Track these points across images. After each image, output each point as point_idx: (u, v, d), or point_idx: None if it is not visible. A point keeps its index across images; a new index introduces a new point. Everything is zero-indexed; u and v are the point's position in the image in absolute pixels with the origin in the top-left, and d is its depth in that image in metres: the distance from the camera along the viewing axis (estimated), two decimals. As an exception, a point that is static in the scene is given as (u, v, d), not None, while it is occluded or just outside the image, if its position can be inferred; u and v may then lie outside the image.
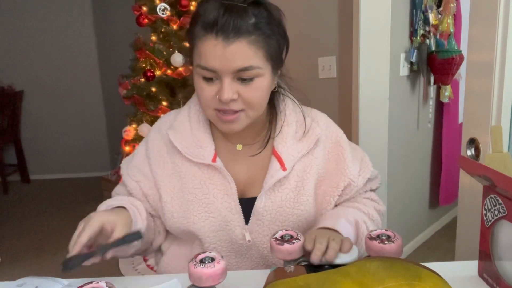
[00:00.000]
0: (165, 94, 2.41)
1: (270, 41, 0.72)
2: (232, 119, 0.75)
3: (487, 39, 1.03)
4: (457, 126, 2.62)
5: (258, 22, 0.70)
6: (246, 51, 0.69)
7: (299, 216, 0.83)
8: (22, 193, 4.01)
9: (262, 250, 0.83)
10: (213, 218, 0.81)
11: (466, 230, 1.18)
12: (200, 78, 0.73)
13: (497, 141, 0.88)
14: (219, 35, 0.68)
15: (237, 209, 0.81)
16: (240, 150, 0.85)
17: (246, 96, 0.73)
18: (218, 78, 0.72)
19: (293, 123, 0.84)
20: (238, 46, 0.68)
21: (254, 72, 0.71)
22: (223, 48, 0.68)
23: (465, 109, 1.13)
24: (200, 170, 0.82)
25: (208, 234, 0.81)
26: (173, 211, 0.83)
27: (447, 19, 2.25)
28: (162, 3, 2.23)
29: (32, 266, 2.53)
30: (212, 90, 0.73)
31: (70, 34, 4.19)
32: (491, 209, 0.64)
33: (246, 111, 0.75)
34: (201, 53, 0.71)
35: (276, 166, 0.81)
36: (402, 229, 2.36)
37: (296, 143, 0.83)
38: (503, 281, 0.63)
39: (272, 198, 0.81)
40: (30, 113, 4.30)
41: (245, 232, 0.81)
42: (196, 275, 0.58)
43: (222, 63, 0.69)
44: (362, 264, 0.57)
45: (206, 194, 0.81)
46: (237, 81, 0.72)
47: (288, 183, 0.82)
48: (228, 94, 0.70)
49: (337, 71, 1.91)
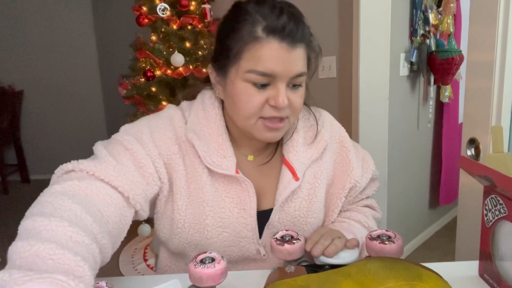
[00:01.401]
0: (165, 94, 2.41)
1: (313, 51, 0.75)
2: (280, 127, 0.73)
3: (487, 39, 1.03)
4: (457, 126, 2.62)
5: (308, 31, 0.72)
6: (304, 57, 0.71)
7: (312, 225, 0.81)
8: (22, 193, 4.00)
9: (275, 260, 0.80)
10: (226, 233, 0.76)
11: (466, 230, 1.18)
12: (250, 85, 0.70)
13: (497, 141, 0.88)
14: (284, 40, 0.67)
15: (253, 225, 0.77)
16: (251, 161, 0.82)
17: (294, 102, 0.72)
18: (272, 84, 0.70)
19: (301, 129, 0.84)
20: (299, 52, 0.70)
21: (303, 79, 0.72)
22: (287, 53, 0.68)
23: (465, 109, 1.13)
24: (217, 181, 0.76)
25: (219, 249, 0.76)
26: (185, 221, 0.75)
27: (447, 19, 2.25)
28: (162, 3, 2.23)
29: (32, 266, 2.52)
30: (262, 97, 0.70)
31: (70, 34, 4.19)
32: (492, 209, 0.64)
33: (289, 118, 0.74)
34: (260, 57, 0.68)
35: (288, 176, 0.79)
36: (402, 229, 2.35)
37: (306, 150, 0.82)
38: (504, 281, 0.63)
39: (285, 209, 0.79)
40: (30, 113, 4.30)
41: (259, 247, 0.78)
42: (197, 275, 0.58)
43: (285, 67, 0.68)
44: (362, 264, 0.57)
45: (222, 208, 0.76)
46: (287, 87, 0.71)
47: (300, 192, 0.80)
48: (285, 100, 0.69)
49: (337, 71, 1.91)
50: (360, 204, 0.92)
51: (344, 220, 0.86)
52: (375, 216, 0.91)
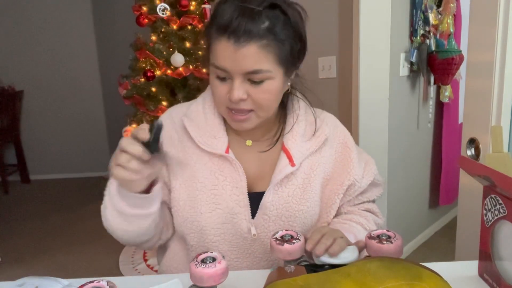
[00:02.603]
0: (165, 94, 2.41)
1: (283, 46, 0.72)
2: (242, 119, 0.76)
3: (487, 39, 1.03)
4: (457, 126, 2.62)
5: (271, 26, 0.70)
6: (256, 55, 0.70)
7: (305, 213, 0.83)
8: (22, 193, 4.01)
9: (266, 245, 0.83)
10: (220, 209, 0.81)
11: (466, 230, 1.18)
12: (214, 76, 0.75)
13: (497, 141, 0.88)
14: (231, 38, 0.69)
15: (245, 202, 0.81)
16: (250, 146, 0.86)
17: (256, 98, 0.74)
18: (230, 78, 0.73)
19: (303, 122, 0.86)
20: (248, 49, 0.69)
21: (263, 76, 0.72)
22: (234, 51, 0.69)
23: (465, 109, 1.13)
24: (211, 161, 0.82)
25: (213, 226, 0.81)
26: (180, 199, 0.83)
27: (447, 19, 2.25)
28: (162, 3, 2.23)
29: (32, 266, 2.53)
30: (224, 89, 0.74)
31: (70, 34, 4.19)
32: (491, 209, 0.64)
33: (256, 112, 0.76)
34: (215, 53, 0.73)
35: (285, 161, 0.82)
36: (402, 229, 2.36)
37: (305, 141, 0.85)
38: (504, 281, 0.63)
39: (279, 193, 0.82)
40: (30, 113, 4.30)
41: (251, 226, 0.82)
42: (198, 275, 0.58)
43: (233, 64, 0.71)
44: (362, 264, 0.57)
45: (216, 185, 0.81)
46: (247, 82, 0.73)
47: (295, 180, 0.83)
48: (238, 94, 0.72)
49: (337, 71, 1.91)
50: (361, 208, 0.92)
51: (345, 222, 0.87)
52: (376, 221, 0.92)
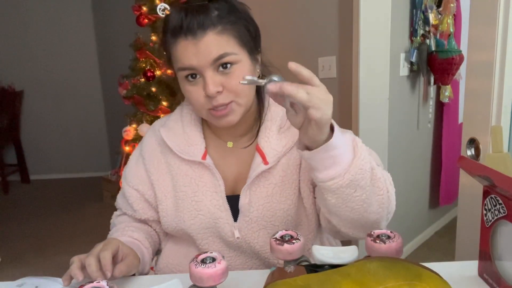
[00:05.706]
0: (165, 94, 2.42)
1: (238, 27, 0.75)
2: (225, 113, 0.76)
3: (487, 39, 1.03)
4: (457, 126, 2.62)
5: (220, 14, 0.73)
6: (215, 41, 0.71)
7: (287, 211, 0.82)
8: (22, 193, 4.01)
9: (253, 246, 0.83)
10: (202, 216, 0.82)
11: (466, 230, 1.18)
12: (185, 81, 0.76)
13: (497, 141, 0.88)
14: (187, 35, 0.71)
15: (225, 206, 0.82)
16: (230, 147, 0.86)
17: (231, 86, 0.74)
18: (200, 76, 0.74)
19: (277, 118, 0.84)
20: (208, 39, 0.71)
21: (230, 58, 0.73)
22: (194, 45, 0.71)
23: (465, 109, 1.13)
24: (191, 168, 0.83)
25: (198, 232, 0.83)
26: (166, 209, 0.85)
27: (447, 19, 2.25)
28: (162, 3, 2.23)
29: (32, 266, 2.53)
30: (198, 91, 0.74)
31: (70, 34, 4.19)
32: (491, 209, 0.64)
33: (235, 101, 0.76)
34: (177, 56, 0.74)
35: (258, 160, 0.81)
36: (402, 229, 2.36)
37: (281, 138, 0.82)
38: (503, 281, 0.63)
39: (257, 193, 0.81)
40: (30, 113, 4.30)
41: (234, 229, 0.82)
42: (197, 275, 0.58)
43: (198, 59, 0.71)
44: (362, 264, 0.57)
45: (196, 192, 0.82)
46: (218, 73, 0.73)
47: (272, 178, 0.81)
48: (213, 87, 0.72)
49: (337, 71, 1.91)
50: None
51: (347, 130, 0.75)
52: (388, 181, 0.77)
